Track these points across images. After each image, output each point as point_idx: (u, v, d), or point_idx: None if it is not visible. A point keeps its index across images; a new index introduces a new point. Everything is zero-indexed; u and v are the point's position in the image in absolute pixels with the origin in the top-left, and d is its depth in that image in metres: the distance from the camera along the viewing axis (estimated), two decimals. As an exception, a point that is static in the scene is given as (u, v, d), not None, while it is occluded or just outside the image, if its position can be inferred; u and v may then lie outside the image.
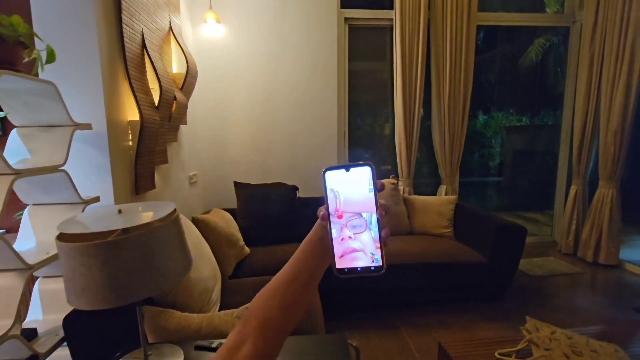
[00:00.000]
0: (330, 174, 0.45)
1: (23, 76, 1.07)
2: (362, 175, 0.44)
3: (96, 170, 1.52)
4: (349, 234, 0.44)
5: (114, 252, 0.82)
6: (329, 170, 0.45)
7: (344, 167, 0.44)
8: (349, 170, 0.44)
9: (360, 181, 0.44)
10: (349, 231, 0.44)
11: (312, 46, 2.94)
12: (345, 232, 0.44)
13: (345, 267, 0.44)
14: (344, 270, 0.44)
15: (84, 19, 1.44)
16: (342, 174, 0.45)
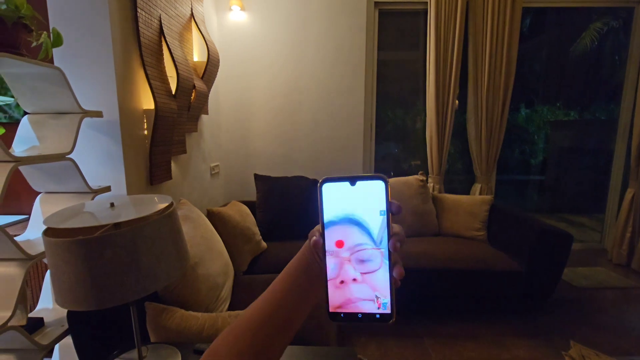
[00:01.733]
0: (330, 187, 0.33)
1: (26, 60, 1.03)
2: (372, 192, 0.32)
3: (108, 159, 1.48)
4: (353, 275, 0.32)
5: (99, 250, 0.75)
6: (328, 181, 0.34)
7: (349, 180, 0.33)
8: (354, 184, 0.33)
9: (369, 200, 0.32)
10: (354, 269, 0.32)
11: (339, 33, 2.79)
12: (347, 270, 0.32)
13: (342, 312, 0.33)
14: (340, 316, 0.33)
15: (96, 2, 1.39)
16: (346, 189, 0.33)
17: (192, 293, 1.31)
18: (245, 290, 1.70)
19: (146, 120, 1.69)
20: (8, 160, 0.99)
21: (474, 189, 2.92)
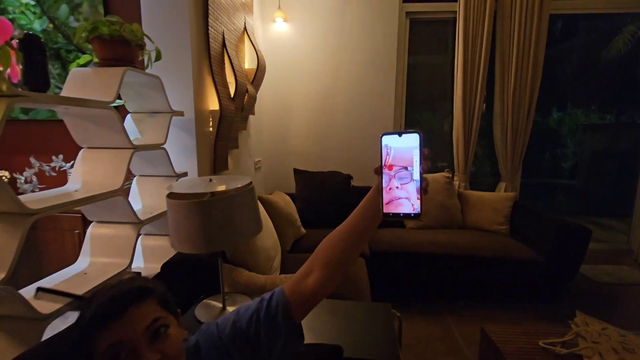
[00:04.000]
0: (386, 137, 0.58)
1: (139, 71, 1.36)
2: (411, 140, 0.55)
3: (185, 150, 1.82)
4: (397, 184, 0.56)
5: (208, 210, 1.05)
6: (385, 134, 0.58)
7: (397, 133, 0.57)
8: (401, 136, 0.56)
9: (409, 144, 0.55)
10: (397, 182, 0.56)
11: (373, 41, 3.03)
12: (393, 182, 0.56)
13: (390, 212, 0.57)
14: (389, 215, 0.57)
15: (181, 23, 1.73)
16: (395, 138, 0.57)
17: (253, 259, 1.61)
18: (290, 265, 1.99)
19: (212, 119, 2.02)
20: (129, 147, 1.32)
21: (499, 188, 3.06)
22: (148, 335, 0.52)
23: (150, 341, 0.52)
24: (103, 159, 1.31)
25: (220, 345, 0.60)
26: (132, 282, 0.57)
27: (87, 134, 1.30)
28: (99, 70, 1.27)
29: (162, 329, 0.53)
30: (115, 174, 1.27)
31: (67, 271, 1.24)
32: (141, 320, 0.52)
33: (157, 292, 0.58)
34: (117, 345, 0.50)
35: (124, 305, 0.52)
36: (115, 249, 1.34)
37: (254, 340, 0.59)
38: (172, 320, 0.57)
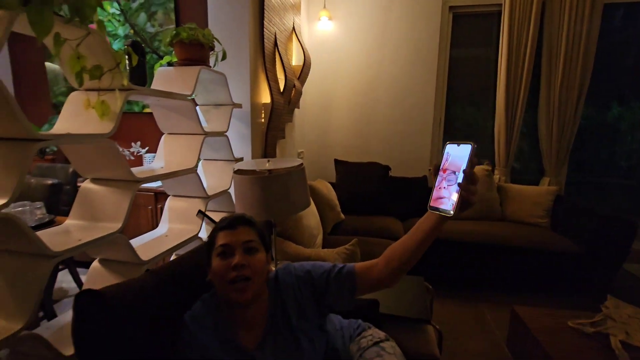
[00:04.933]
0: (449, 145, 0.70)
1: (210, 69, 1.61)
2: (465, 149, 0.66)
3: (241, 138, 2.07)
4: (444, 185, 0.68)
5: (269, 184, 1.26)
6: (449, 143, 0.70)
7: (456, 143, 0.69)
8: (459, 146, 0.68)
9: (462, 152, 0.66)
10: (445, 183, 0.68)
11: (415, 36, 3.11)
12: (443, 183, 0.69)
13: (432, 205, 0.70)
14: (432, 208, 0.71)
15: (241, 26, 1.97)
16: (454, 146, 0.69)
17: (298, 235, 1.82)
18: (329, 245, 2.17)
19: (264, 111, 2.25)
20: (201, 133, 1.57)
21: (543, 182, 3.02)
22: (244, 247, 0.76)
23: (243, 252, 0.75)
24: (181, 143, 1.57)
25: (295, 281, 0.84)
26: (246, 216, 0.82)
27: (169, 122, 1.57)
28: (179, 69, 1.53)
29: (253, 248, 0.75)
30: (190, 155, 1.53)
31: (153, 233, 1.53)
32: (242, 236, 0.77)
33: (258, 227, 0.82)
34: (225, 245, 0.76)
35: (236, 223, 0.78)
36: (188, 218, 1.61)
37: (321, 289, 0.82)
38: (262, 250, 0.80)
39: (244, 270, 0.73)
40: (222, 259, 0.75)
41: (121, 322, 0.65)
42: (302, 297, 0.83)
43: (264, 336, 0.79)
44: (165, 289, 0.79)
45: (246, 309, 0.77)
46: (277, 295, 0.83)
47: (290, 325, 0.81)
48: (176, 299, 0.81)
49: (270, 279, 0.85)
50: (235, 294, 0.73)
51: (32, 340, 0.88)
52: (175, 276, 0.84)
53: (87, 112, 1.07)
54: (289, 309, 0.81)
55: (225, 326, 0.77)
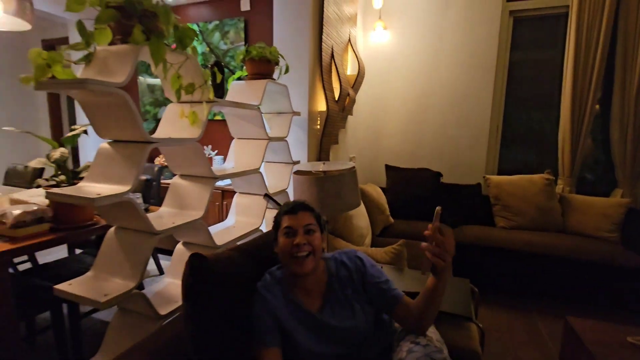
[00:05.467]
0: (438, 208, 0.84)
1: (275, 82, 1.82)
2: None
3: (298, 143, 2.26)
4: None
5: (324, 183, 1.41)
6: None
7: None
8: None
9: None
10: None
11: (472, 42, 3.09)
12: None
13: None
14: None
15: (302, 42, 2.17)
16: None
17: (348, 233, 1.95)
18: (377, 246, 2.27)
19: (319, 119, 2.43)
20: (265, 138, 1.79)
21: (614, 194, 2.79)
22: (304, 229, 0.92)
23: (304, 232, 0.92)
24: (248, 147, 1.80)
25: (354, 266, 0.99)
26: (305, 202, 0.99)
27: (239, 128, 1.81)
28: (250, 82, 1.77)
29: (312, 229, 0.91)
30: (256, 157, 1.75)
31: (223, 224, 1.77)
32: (303, 220, 0.93)
33: (316, 213, 0.99)
34: (289, 227, 0.93)
35: (297, 209, 0.95)
36: (252, 212, 1.83)
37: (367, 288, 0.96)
38: (318, 231, 0.96)
39: (305, 247, 0.89)
40: (287, 238, 0.92)
41: (217, 278, 0.84)
42: (355, 279, 0.97)
43: (323, 301, 0.94)
44: (245, 261, 0.98)
45: (306, 278, 0.93)
46: (338, 270, 0.98)
47: (345, 294, 0.95)
48: (252, 268, 0.99)
49: (333, 257, 1.01)
50: (296, 266, 0.89)
51: (139, 298, 1.13)
52: (252, 251, 1.02)
53: (181, 121, 1.33)
54: (346, 282, 0.97)
55: (290, 293, 0.93)
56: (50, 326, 1.62)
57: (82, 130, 1.29)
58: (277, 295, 0.93)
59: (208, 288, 0.81)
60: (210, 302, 0.81)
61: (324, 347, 0.92)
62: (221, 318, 0.83)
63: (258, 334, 0.88)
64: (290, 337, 0.91)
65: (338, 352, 0.93)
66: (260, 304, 0.91)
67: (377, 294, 0.95)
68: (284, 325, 0.91)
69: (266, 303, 0.90)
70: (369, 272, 0.97)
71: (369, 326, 0.97)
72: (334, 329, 0.92)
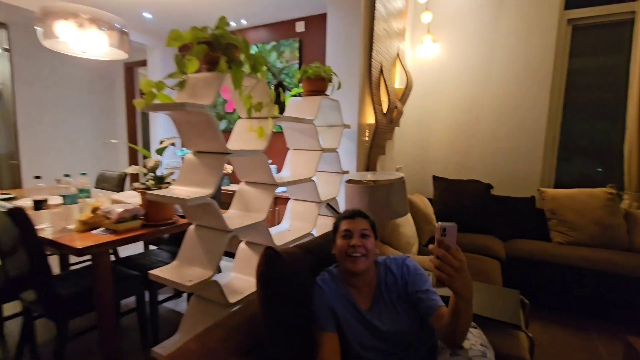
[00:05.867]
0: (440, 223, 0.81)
1: (328, 98, 1.98)
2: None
3: (348, 154, 2.39)
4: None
5: (374, 192, 1.52)
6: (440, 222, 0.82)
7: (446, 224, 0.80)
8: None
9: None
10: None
11: (526, 52, 3.03)
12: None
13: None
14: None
15: (353, 59, 2.31)
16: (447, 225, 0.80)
17: (396, 241, 2.02)
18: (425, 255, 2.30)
19: (368, 131, 2.54)
20: (318, 149, 1.94)
21: (693, 212, 2.54)
22: (360, 233, 1.04)
23: (359, 236, 1.03)
24: (303, 157, 1.97)
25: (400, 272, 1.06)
26: (362, 211, 1.11)
27: (295, 140, 1.99)
28: (306, 99, 1.94)
29: (366, 234, 1.02)
30: (310, 167, 1.91)
31: (278, 227, 1.94)
32: (359, 225, 1.05)
33: (371, 220, 1.10)
34: (347, 230, 1.05)
35: (355, 215, 1.07)
36: (305, 218, 1.98)
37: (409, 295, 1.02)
38: (372, 236, 1.07)
39: (359, 249, 1.01)
40: (344, 240, 1.04)
41: (285, 268, 0.98)
42: (400, 285, 1.05)
43: (372, 302, 1.05)
44: (307, 257, 1.12)
45: (358, 278, 1.04)
46: (385, 275, 1.07)
47: (391, 299, 1.04)
48: (312, 263, 1.13)
49: (383, 262, 1.11)
50: (351, 265, 1.01)
51: (214, 285, 1.31)
52: (312, 249, 1.16)
53: (248, 134, 1.52)
54: (392, 287, 1.05)
55: (344, 289, 1.05)
56: (133, 309, 1.89)
57: (170, 142, 1.54)
58: (333, 289, 1.05)
59: (278, 275, 0.96)
60: (279, 287, 0.95)
61: (372, 342, 1.02)
62: (288, 301, 0.97)
63: (317, 320, 1.01)
64: (341, 328, 1.02)
65: (384, 348, 1.02)
66: (319, 294, 1.04)
67: (415, 302, 1.01)
68: (337, 316, 1.02)
69: (324, 294, 1.03)
70: (412, 280, 1.03)
71: (413, 330, 1.03)
72: (379, 329, 1.01)
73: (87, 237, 1.44)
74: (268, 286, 0.94)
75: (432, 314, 0.97)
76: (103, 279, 1.46)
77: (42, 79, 3.67)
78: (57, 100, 3.82)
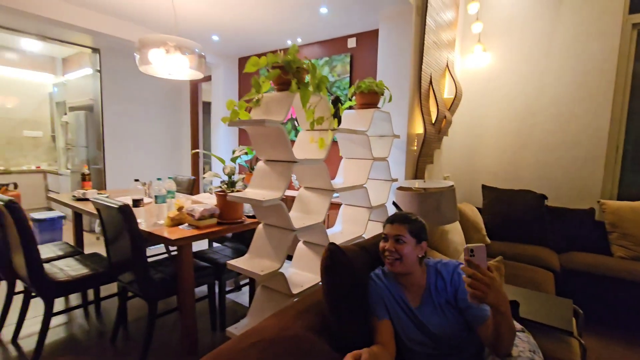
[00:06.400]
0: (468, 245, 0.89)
1: (379, 110, 2.12)
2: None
3: (397, 163, 2.51)
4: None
5: (425, 199, 1.63)
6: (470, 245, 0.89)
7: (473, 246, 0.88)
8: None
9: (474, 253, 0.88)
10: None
11: (585, 58, 2.93)
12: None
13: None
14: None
15: (403, 72, 2.44)
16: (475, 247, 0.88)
17: (443, 247, 2.08)
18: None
19: (416, 140, 2.64)
20: (370, 158, 2.08)
21: None
22: (394, 239, 1.13)
23: (393, 241, 1.13)
24: (355, 165, 2.12)
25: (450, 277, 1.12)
26: (403, 215, 1.20)
27: (348, 150, 2.15)
28: (359, 112, 2.10)
29: (400, 240, 1.12)
30: (362, 175, 2.06)
31: (332, 230, 2.10)
32: (395, 231, 1.14)
33: (410, 225, 1.16)
34: (385, 234, 1.17)
35: (394, 221, 1.17)
36: (356, 221, 2.12)
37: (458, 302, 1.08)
38: (410, 242, 1.13)
39: (392, 254, 1.12)
40: (383, 242, 1.17)
41: (345, 261, 1.13)
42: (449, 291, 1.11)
43: (421, 301, 1.13)
44: (363, 254, 1.27)
45: (405, 277, 1.14)
46: (435, 279, 1.14)
47: (439, 302, 1.11)
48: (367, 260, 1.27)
49: (434, 266, 1.18)
50: (387, 265, 1.14)
51: (280, 276, 1.50)
52: (368, 248, 1.31)
53: (310, 145, 1.71)
54: (441, 291, 1.12)
55: (395, 286, 1.17)
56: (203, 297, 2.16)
57: (243, 152, 1.77)
58: (385, 284, 1.17)
59: (340, 267, 1.11)
60: (340, 277, 1.11)
61: (420, 337, 1.10)
62: (348, 289, 1.12)
63: (373, 310, 1.14)
64: (392, 322, 1.13)
65: (432, 345, 1.09)
66: (373, 287, 1.17)
67: (464, 310, 1.06)
68: (388, 309, 1.14)
69: (377, 287, 1.16)
70: (462, 288, 1.06)
71: (460, 333, 1.07)
72: (427, 328, 1.09)
73: (175, 231, 1.71)
74: (331, 275, 1.10)
75: (481, 324, 1.02)
76: (186, 267, 1.72)
77: (124, 95, 4.23)
78: (136, 113, 4.37)
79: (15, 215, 1.65)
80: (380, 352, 1.01)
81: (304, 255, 1.84)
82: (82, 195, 2.43)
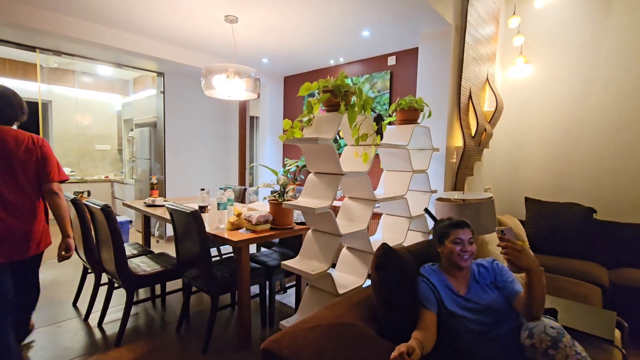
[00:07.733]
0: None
1: (420, 125, 2.25)
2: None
3: (436, 175, 2.60)
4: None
5: (463, 209, 1.73)
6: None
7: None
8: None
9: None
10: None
11: (632, 68, 2.85)
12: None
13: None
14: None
15: (443, 88, 2.55)
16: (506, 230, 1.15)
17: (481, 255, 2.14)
18: (516, 276, 2.34)
19: (456, 153, 2.71)
20: (410, 170, 2.21)
21: None
22: (468, 241, 1.31)
23: (468, 243, 1.31)
24: (396, 177, 2.26)
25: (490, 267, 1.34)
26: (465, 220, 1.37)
27: (389, 162, 2.30)
28: (400, 127, 2.25)
29: (472, 242, 1.30)
30: (402, 186, 2.19)
31: (373, 238, 2.24)
32: (467, 234, 1.33)
33: (472, 229, 1.37)
34: (459, 238, 1.32)
35: (464, 226, 1.34)
36: (396, 230, 2.25)
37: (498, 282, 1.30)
38: (476, 242, 1.33)
39: (469, 253, 1.31)
40: (455, 245, 1.32)
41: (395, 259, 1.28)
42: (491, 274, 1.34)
43: (468, 287, 1.32)
44: (410, 256, 1.41)
45: (459, 271, 1.33)
46: (478, 269, 1.36)
47: (485, 283, 1.32)
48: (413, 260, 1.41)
49: (475, 263, 1.39)
50: (461, 261, 1.30)
51: (328, 277, 1.67)
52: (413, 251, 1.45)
53: (354, 159, 1.89)
54: (485, 275, 1.34)
55: (444, 279, 1.34)
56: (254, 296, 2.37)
57: (294, 164, 1.99)
58: (434, 278, 1.34)
59: (390, 265, 1.26)
60: (390, 274, 1.26)
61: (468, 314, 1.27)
62: (396, 285, 1.27)
63: (422, 301, 1.30)
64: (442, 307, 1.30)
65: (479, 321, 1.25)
66: (425, 280, 1.33)
67: (503, 288, 1.30)
68: (438, 297, 1.30)
69: (428, 281, 1.31)
70: (500, 272, 1.34)
71: (502, 307, 1.27)
72: (474, 307, 1.27)
73: (235, 234, 1.95)
74: (383, 271, 1.25)
75: (516, 296, 1.25)
76: (245, 267, 1.95)
77: (183, 113, 4.71)
78: (192, 129, 4.83)
79: (109, 218, 1.98)
80: (423, 336, 1.19)
81: (348, 259, 2.00)
82: (151, 202, 2.78)
